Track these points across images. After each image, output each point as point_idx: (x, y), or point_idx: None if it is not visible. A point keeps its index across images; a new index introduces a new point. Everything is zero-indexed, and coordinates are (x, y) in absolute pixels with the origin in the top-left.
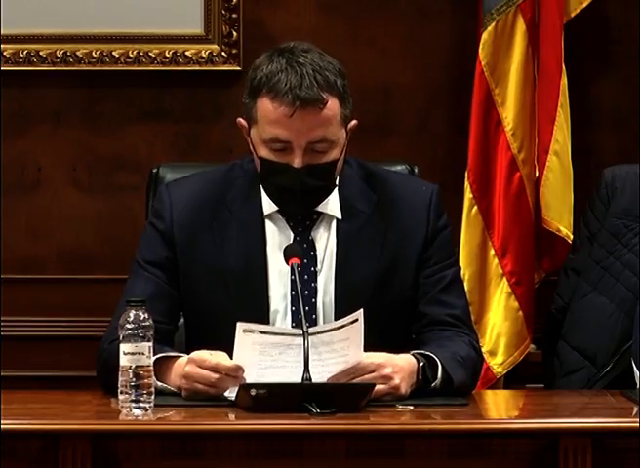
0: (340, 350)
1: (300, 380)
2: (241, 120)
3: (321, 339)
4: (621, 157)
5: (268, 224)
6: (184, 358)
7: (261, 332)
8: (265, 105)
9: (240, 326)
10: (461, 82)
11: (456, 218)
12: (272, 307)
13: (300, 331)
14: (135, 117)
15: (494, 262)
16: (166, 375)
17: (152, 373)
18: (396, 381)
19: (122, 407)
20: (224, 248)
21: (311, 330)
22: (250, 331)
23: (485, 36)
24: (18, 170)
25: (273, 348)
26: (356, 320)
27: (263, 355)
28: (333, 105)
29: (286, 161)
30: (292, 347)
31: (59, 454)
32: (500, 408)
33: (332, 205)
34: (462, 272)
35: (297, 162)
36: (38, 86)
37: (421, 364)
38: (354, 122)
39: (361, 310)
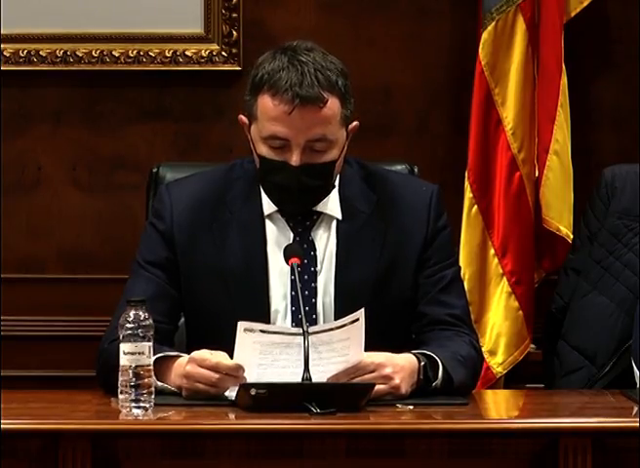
0: (340, 350)
1: (300, 380)
2: (242, 117)
3: (321, 339)
4: (621, 157)
5: (268, 224)
6: (185, 357)
7: (262, 331)
8: (266, 102)
9: (241, 325)
10: (461, 82)
11: (456, 218)
12: (272, 307)
13: (301, 331)
14: (135, 117)
15: (494, 262)
16: (166, 375)
17: (152, 373)
18: (396, 381)
19: (122, 406)
20: (225, 248)
21: (311, 329)
22: (250, 331)
23: (485, 36)
24: (18, 169)
25: (274, 347)
26: (357, 319)
27: (264, 354)
28: (333, 105)
29: (284, 159)
30: (292, 346)
31: (59, 454)
32: (500, 407)
33: (332, 205)
34: (462, 272)
35: (294, 160)
36: (38, 86)
37: (422, 363)
38: (355, 123)
39: (362, 309)
